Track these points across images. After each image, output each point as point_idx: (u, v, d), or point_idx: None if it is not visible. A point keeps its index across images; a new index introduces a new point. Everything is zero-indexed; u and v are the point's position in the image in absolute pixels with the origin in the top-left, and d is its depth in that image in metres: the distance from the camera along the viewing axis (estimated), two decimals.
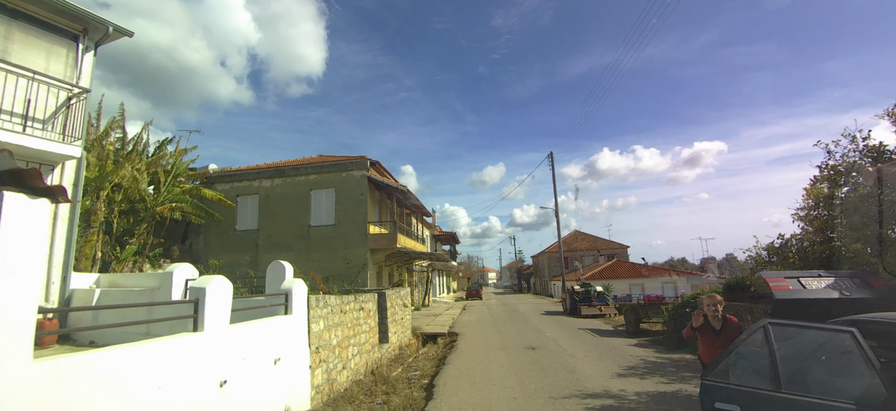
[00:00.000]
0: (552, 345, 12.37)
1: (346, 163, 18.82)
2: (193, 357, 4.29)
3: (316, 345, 6.91)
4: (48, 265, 7.70)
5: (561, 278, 33.02)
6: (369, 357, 9.62)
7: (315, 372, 6.80)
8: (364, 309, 9.58)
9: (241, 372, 4.95)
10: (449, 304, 32.82)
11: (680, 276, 36.97)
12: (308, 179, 19.09)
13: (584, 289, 23.84)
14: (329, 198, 18.76)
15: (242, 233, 19.27)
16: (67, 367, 3.21)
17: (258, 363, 5.35)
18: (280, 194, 19.27)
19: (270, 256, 18.37)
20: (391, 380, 8.81)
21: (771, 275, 4.26)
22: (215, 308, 4.63)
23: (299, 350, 6.39)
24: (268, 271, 7.03)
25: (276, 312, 6.25)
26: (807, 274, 4.37)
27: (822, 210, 8.65)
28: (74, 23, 8.43)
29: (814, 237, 8.59)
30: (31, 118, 7.44)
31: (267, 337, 5.62)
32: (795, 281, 4.12)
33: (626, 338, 13.57)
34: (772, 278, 4.17)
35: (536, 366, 9.50)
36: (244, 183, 19.82)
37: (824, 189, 8.91)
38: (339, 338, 7.90)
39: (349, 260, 16.97)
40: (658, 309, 14.37)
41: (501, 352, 11.52)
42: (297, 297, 6.49)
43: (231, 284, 4.93)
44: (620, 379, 8.09)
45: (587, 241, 54.93)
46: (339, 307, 8.12)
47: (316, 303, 7.08)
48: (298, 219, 18.75)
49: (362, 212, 18.08)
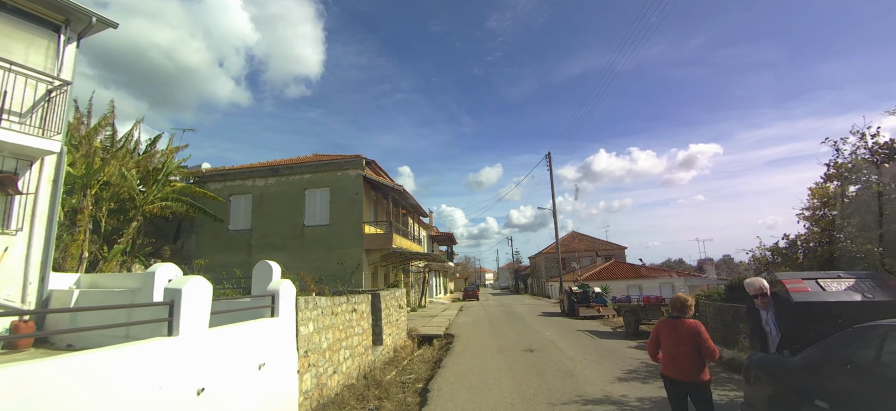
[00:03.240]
0: (550, 347, 12.10)
1: (341, 162, 18.51)
2: (167, 363, 3.98)
3: (304, 349, 6.60)
4: (25, 265, 7.36)
5: (558, 279, 32.80)
6: (362, 360, 9.32)
7: (303, 378, 6.49)
8: (357, 310, 9.27)
9: (222, 379, 4.65)
10: (446, 305, 32.53)
11: (678, 277, 36.83)
12: (302, 178, 18.77)
13: (582, 289, 23.61)
14: (324, 197, 18.45)
15: (235, 233, 18.94)
16: (20, 376, 2.90)
17: (241, 368, 5.04)
18: (274, 193, 18.95)
19: (264, 256, 17.88)
20: (384, 384, 8.52)
21: (787, 276, 3.98)
22: (192, 310, 4.32)
23: (286, 354, 6.08)
24: (254, 271, 6.72)
25: (261, 314, 5.95)
26: (825, 275, 4.10)
27: (830, 209, 8.41)
28: (56, 13, 8.11)
29: (820, 237, 8.34)
30: (8, 111, 7.10)
31: (251, 340, 5.31)
32: (813, 282, 3.85)
33: (626, 340, 13.32)
34: (789, 279, 3.90)
35: (535, 370, 9.22)
36: (237, 182, 19.49)
37: (830, 188, 8.67)
38: (329, 341, 7.60)
39: (344, 260, 16.64)
40: (658, 311, 14.12)
41: (498, 355, 11.24)
42: (285, 299, 6.19)
43: (210, 285, 4.62)
44: (622, 384, 7.82)
45: (585, 242, 54.73)
46: (331, 309, 7.82)
47: (305, 304, 6.77)
48: (292, 218, 18.44)
49: (357, 211, 17.78)
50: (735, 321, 9.88)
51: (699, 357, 3.99)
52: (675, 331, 4.15)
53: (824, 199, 8.61)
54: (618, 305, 17.42)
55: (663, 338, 4.27)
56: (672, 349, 4.12)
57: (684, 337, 4.04)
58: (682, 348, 4.04)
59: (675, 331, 4.14)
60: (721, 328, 10.35)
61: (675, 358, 4.08)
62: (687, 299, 4.35)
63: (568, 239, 55.11)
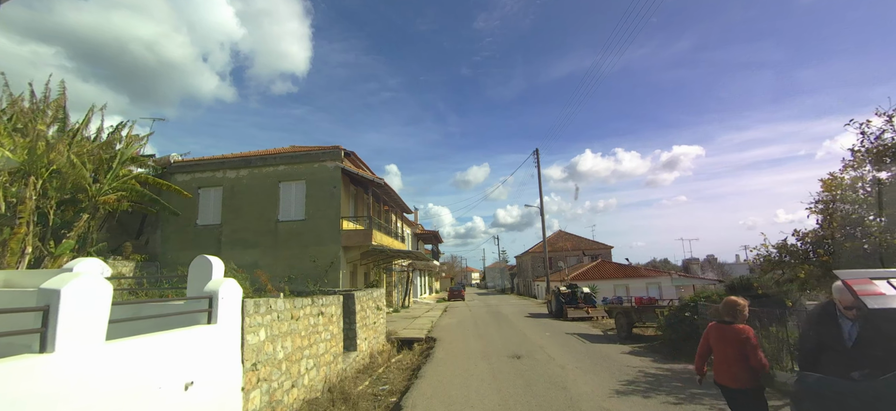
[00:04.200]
0: (539, 354, 11.20)
1: (318, 154, 17.37)
2: (33, 391, 2.94)
3: (253, 361, 5.56)
4: None
5: (545, 278, 32.04)
6: (330, 369, 8.29)
7: (250, 396, 5.46)
8: (324, 313, 8.24)
9: (122, 407, 3.60)
10: (430, 306, 31.54)
11: (663, 277, 36.43)
12: (276, 170, 17.57)
13: (571, 290, 22.82)
14: (299, 190, 17.29)
15: (204, 228, 17.65)
16: None
17: (156, 391, 4.00)
18: (246, 186, 17.71)
19: (234, 253, 16.78)
20: (354, 398, 7.50)
21: (851, 276, 3.07)
22: (78, 319, 3.28)
23: (227, 369, 5.04)
24: (190, 268, 5.64)
25: (196, 321, 4.90)
26: (891, 272, 3.20)
27: (843, 202, 7.65)
28: None
29: (835, 231, 7.58)
30: None
31: (175, 354, 4.27)
32: (885, 283, 2.97)
33: (619, 345, 12.50)
34: (854, 279, 3.00)
35: (522, 381, 8.29)
36: (207, 173, 18.18)
37: (845, 179, 7.93)
38: (288, 351, 6.56)
39: (318, 258, 15.55)
40: (652, 313, 13.35)
41: (483, 362, 10.30)
42: (226, 302, 5.14)
43: (107, 285, 3.57)
44: (621, 399, 6.93)
45: (571, 241, 54.20)
46: (290, 312, 6.78)
47: (255, 308, 5.73)
48: (265, 213, 17.23)
49: (335, 206, 16.67)
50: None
51: (748, 361, 3.82)
52: (723, 337, 4.01)
53: (838, 191, 7.86)
54: (609, 307, 16.64)
55: (713, 345, 4.14)
56: (721, 355, 4.02)
57: (732, 343, 3.90)
58: (729, 353, 3.92)
59: (723, 337, 4.00)
60: None
61: (723, 362, 3.98)
62: (739, 302, 4.07)
63: (555, 238, 54.55)
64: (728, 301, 4.14)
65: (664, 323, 11.61)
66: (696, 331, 10.51)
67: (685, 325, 10.69)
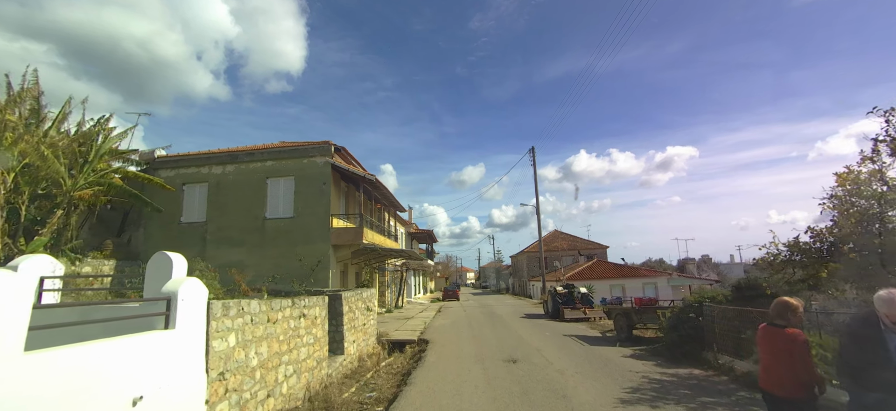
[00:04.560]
0: (536, 357, 10.67)
1: (307, 149, 16.77)
2: None
3: (220, 370, 4.98)
4: None
5: (541, 278, 31.54)
6: (313, 376, 7.72)
7: (216, 408, 4.87)
8: (306, 316, 7.66)
9: None
10: (424, 306, 30.98)
11: (660, 277, 36.04)
12: (264, 166, 16.95)
13: (567, 289, 22.34)
14: (288, 187, 16.67)
15: (188, 225, 16.99)
16: None
17: (97, 408, 3.42)
18: (232, 182, 17.06)
19: (219, 252, 16.16)
20: (337, 406, 6.95)
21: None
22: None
23: (188, 379, 4.46)
24: (148, 266, 5.06)
25: (151, 326, 4.32)
26: None
27: (863, 198, 7.18)
28: None
29: (853, 228, 7.10)
30: None
31: (120, 365, 3.69)
32: None
33: (619, 347, 11.99)
34: None
35: (519, 388, 7.75)
36: (192, 169, 17.51)
37: (863, 173, 7.46)
38: (263, 357, 5.98)
39: (306, 257, 14.94)
40: (653, 314, 12.85)
41: (477, 366, 9.76)
42: (188, 304, 4.56)
43: (27, 283, 2.99)
44: (627, 409, 6.40)
45: (567, 241, 53.76)
46: (267, 315, 6.20)
47: (223, 311, 5.15)
48: (252, 210, 16.60)
49: (325, 203, 16.08)
50: (744, 327, 8.66)
51: (796, 369, 3.50)
52: (772, 342, 3.71)
53: (856, 185, 7.39)
54: (608, 308, 16.15)
55: (760, 349, 3.88)
56: (767, 359, 3.75)
57: (782, 349, 3.58)
58: (778, 359, 3.64)
59: (773, 342, 3.69)
60: (730, 334, 9.11)
61: (768, 368, 3.73)
62: (791, 303, 3.69)
63: (550, 237, 54.13)
64: (779, 302, 3.79)
65: (666, 325, 11.12)
66: (700, 334, 10.03)
67: (689, 326, 10.21)
